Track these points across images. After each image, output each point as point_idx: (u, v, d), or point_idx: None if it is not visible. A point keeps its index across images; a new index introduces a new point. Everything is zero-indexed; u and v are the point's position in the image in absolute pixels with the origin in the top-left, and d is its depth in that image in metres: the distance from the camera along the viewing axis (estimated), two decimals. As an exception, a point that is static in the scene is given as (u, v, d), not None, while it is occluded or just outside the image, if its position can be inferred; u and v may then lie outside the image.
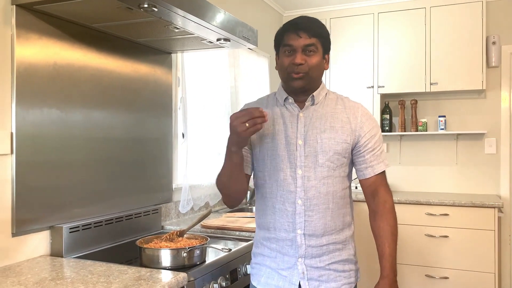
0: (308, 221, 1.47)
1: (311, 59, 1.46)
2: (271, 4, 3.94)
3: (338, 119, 1.50)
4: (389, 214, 1.52)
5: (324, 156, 1.47)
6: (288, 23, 1.51)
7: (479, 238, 3.30)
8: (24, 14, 1.64)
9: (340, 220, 1.51)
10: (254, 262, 1.59)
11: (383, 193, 1.53)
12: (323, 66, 1.52)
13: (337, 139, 1.47)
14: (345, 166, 1.51)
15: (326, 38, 1.51)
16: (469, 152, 3.88)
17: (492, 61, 3.69)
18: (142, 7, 1.53)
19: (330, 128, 1.48)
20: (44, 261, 1.67)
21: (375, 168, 1.51)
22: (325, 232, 1.48)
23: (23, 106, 1.64)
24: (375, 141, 1.51)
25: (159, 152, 2.41)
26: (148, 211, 2.25)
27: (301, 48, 1.45)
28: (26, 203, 1.65)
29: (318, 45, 1.47)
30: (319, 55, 1.48)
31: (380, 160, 1.52)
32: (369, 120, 1.52)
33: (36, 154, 1.69)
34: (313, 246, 1.47)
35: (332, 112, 1.51)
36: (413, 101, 3.93)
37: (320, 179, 1.47)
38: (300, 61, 1.44)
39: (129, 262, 1.72)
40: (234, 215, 2.63)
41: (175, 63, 2.56)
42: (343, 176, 1.51)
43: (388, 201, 1.53)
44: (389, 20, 3.84)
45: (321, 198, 1.47)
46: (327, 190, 1.48)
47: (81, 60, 1.89)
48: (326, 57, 1.54)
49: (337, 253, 1.50)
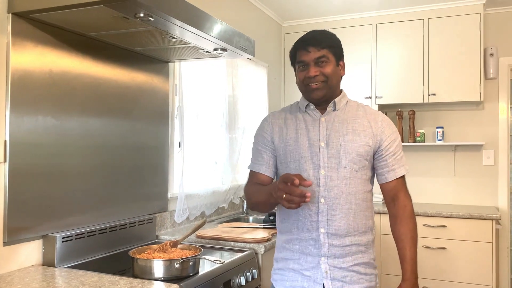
0: (331, 220, 1.51)
1: (325, 69, 1.54)
2: (270, 14, 3.96)
3: (359, 124, 1.57)
4: (409, 219, 1.57)
5: (346, 158, 1.53)
6: (298, 40, 1.60)
7: (477, 250, 3.28)
8: (20, 22, 1.64)
9: (363, 223, 1.56)
10: (276, 267, 1.63)
11: (403, 197, 1.58)
12: (339, 73, 1.61)
13: (359, 142, 1.54)
14: (366, 169, 1.56)
15: (336, 47, 1.59)
16: (467, 164, 3.87)
17: (490, 73, 3.70)
18: (138, 16, 1.53)
19: (352, 132, 1.55)
20: (36, 270, 1.65)
21: (397, 172, 1.56)
22: (348, 232, 1.52)
23: (17, 114, 1.63)
24: (396, 145, 1.57)
25: (155, 160, 2.40)
26: (142, 220, 2.23)
27: (313, 62, 1.54)
28: (18, 212, 1.64)
29: (329, 55, 1.55)
30: (332, 63, 1.56)
31: (401, 164, 1.58)
32: (390, 125, 1.59)
33: (30, 162, 1.68)
34: (336, 245, 1.51)
35: (354, 117, 1.59)
36: (411, 112, 3.93)
37: (343, 179, 1.53)
38: (314, 73, 1.53)
39: (122, 272, 1.70)
40: (230, 225, 2.61)
41: (172, 72, 2.56)
42: (365, 179, 1.56)
43: (408, 206, 1.58)
44: (388, 31, 3.85)
45: (343, 197, 1.52)
46: (349, 190, 1.53)
47: (78, 68, 1.89)
48: (341, 64, 1.62)
49: (359, 255, 1.54)
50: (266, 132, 1.67)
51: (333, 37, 1.61)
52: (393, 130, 1.59)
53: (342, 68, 1.62)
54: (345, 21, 4.00)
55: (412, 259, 1.54)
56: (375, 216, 3.53)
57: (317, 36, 1.58)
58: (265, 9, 3.85)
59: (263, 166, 1.64)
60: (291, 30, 4.19)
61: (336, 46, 1.59)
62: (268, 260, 2.17)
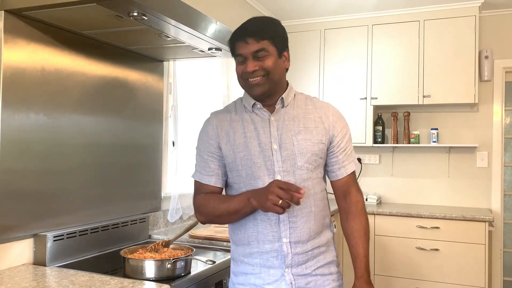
0: (293, 227, 1.42)
1: (264, 62, 1.39)
2: (265, 14, 3.94)
3: (310, 120, 1.47)
4: (361, 215, 1.51)
5: (302, 158, 1.43)
6: (236, 30, 1.44)
7: (469, 252, 3.29)
8: (12, 19, 1.62)
9: (321, 223, 1.49)
10: (236, 282, 1.50)
11: (355, 193, 1.53)
12: (282, 66, 1.45)
13: (312, 140, 1.45)
14: (321, 167, 1.50)
15: (278, 37, 1.43)
16: (461, 165, 3.88)
17: (484, 75, 3.71)
18: (132, 15, 1.52)
19: (304, 129, 1.45)
20: (26, 270, 1.64)
21: (347, 168, 1.51)
22: (309, 237, 1.44)
23: (8, 111, 1.62)
24: (346, 140, 1.51)
25: (149, 160, 2.39)
26: (135, 220, 2.22)
27: (251, 55, 1.39)
28: (9, 210, 1.62)
29: (269, 47, 1.40)
30: (273, 56, 1.40)
31: (351, 159, 1.53)
32: (340, 119, 1.52)
33: (21, 160, 1.67)
34: (299, 253, 1.43)
35: (304, 113, 1.48)
36: (406, 113, 3.94)
37: (300, 182, 1.42)
38: (252, 68, 1.39)
39: (113, 272, 1.70)
40: (223, 225, 2.61)
41: (167, 71, 2.55)
42: (320, 178, 1.50)
43: (360, 201, 1.53)
44: (383, 32, 3.85)
45: (303, 201, 1.39)
46: (308, 193, 1.43)
47: (70, 66, 1.88)
48: (285, 55, 1.47)
49: (321, 257, 1.48)
50: (211, 137, 1.52)
51: (276, 25, 1.46)
52: (344, 123, 1.52)
53: (286, 60, 1.47)
54: (341, 22, 4.00)
55: (365, 256, 1.48)
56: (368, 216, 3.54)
57: (256, 25, 1.42)
58: (261, 9, 3.85)
59: (212, 178, 1.50)
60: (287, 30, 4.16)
61: (279, 36, 1.43)
62: (260, 261, 2.16)
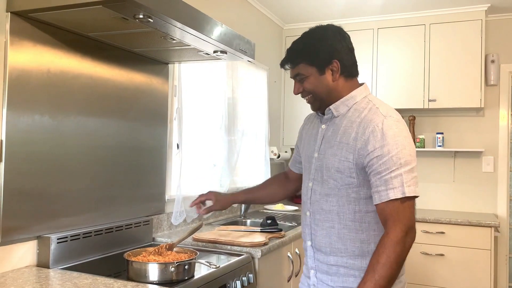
0: (314, 234, 1.48)
1: (306, 84, 1.46)
2: (271, 17, 3.95)
3: (348, 134, 1.38)
4: (382, 248, 1.26)
5: (327, 172, 1.42)
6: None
7: (475, 257, 3.27)
8: (18, 21, 1.62)
9: (356, 246, 1.40)
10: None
11: (390, 225, 1.29)
12: (326, 82, 1.44)
13: (339, 156, 1.38)
14: (356, 187, 1.37)
15: (313, 56, 1.43)
16: (466, 170, 3.86)
17: (490, 80, 3.69)
18: (138, 17, 1.52)
19: (338, 144, 1.40)
20: (30, 272, 1.64)
21: (381, 195, 1.30)
22: (331, 251, 1.43)
23: (14, 113, 1.62)
24: (382, 162, 1.29)
25: (153, 162, 2.38)
26: (139, 222, 2.22)
27: (294, 79, 1.50)
28: (14, 212, 1.62)
29: (305, 69, 1.44)
30: (312, 77, 1.44)
31: (391, 186, 1.28)
32: (378, 137, 1.31)
33: (26, 162, 1.67)
34: (321, 261, 1.47)
35: (347, 126, 1.40)
36: (411, 117, 3.92)
37: (323, 195, 1.43)
38: (296, 91, 1.49)
39: (117, 274, 1.69)
40: (227, 228, 2.60)
41: (172, 73, 2.55)
42: (355, 198, 1.38)
43: (391, 233, 1.27)
44: (389, 36, 3.84)
45: (323, 214, 1.43)
46: (330, 208, 1.41)
47: (76, 68, 1.88)
48: (333, 67, 1.43)
49: (351, 279, 1.41)
50: (300, 133, 1.72)
51: (315, 42, 1.44)
52: (382, 143, 1.30)
53: (333, 73, 1.43)
54: (347, 25, 3.95)
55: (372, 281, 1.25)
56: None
57: (292, 50, 1.48)
58: (267, 12, 3.85)
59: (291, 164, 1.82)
60: (292, 33, 4.18)
61: (313, 55, 1.42)
62: (264, 265, 2.15)
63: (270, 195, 1.88)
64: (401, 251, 1.26)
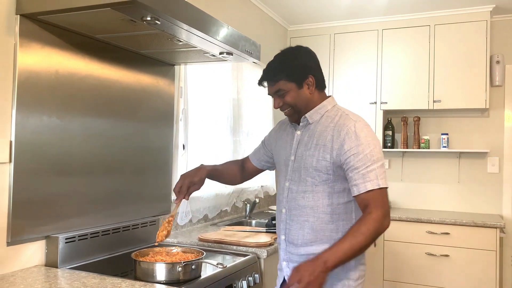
0: (289, 229, 1.62)
1: (286, 99, 1.60)
2: (276, 18, 3.96)
3: (324, 137, 1.56)
4: (365, 219, 1.43)
5: (305, 172, 1.58)
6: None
7: (480, 258, 3.26)
8: (27, 24, 1.64)
9: (325, 235, 1.55)
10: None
11: (371, 208, 1.45)
12: (305, 94, 1.60)
13: (317, 157, 1.55)
14: (331, 182, 1.54)
15: (291, 73, 1.58)
16: (471, 171, 3.85)
17: (495, 80, 3.68)
18: (145, 20, 1.54)
19: (315, 146, 1.57)
20: (39, 271, 1.66)
21: (359, 187, 1.47)
22: (302, 243, 1.58)
23: (23, 114, 1.64)
24: (358, 159, 1.47)
25: (159, 163, 2.40)
26: (145, 222, 2.23)
27: (273, 95, 1.63)
28: (22, 212, 1.64)
29: (285, 85, 1.59)
30: (292, 91, 1.59)
31: (368, 179, 1.46)
32: (352, 138, 1.50)
33: (34, 162, 1.69)
34: (292, 253, 1.61)
35: (322, 131, 1.58)
36: (415, 118, 3.92)
37: (300, 192, 1.59)
38: (277, 105, 1.63)
39: (124, 274, 1.71)
40: (233, 228, 2.61)
41: (178, 74, 2.56)
42: (329, 192, 1.55)
43: (373, 213, 1.43)
44: (393, 36, 3.85)
45: (299, 209, 1.59)
46: (305, 204, 1.57)
47: (83, 70, 1.90)
48: (309, 81, 1.60)
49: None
50: (271, 136, 1.86)
51: (292, 59, 1.60)
52: (357, 143, 1.49)
53: (311, 85, 1.61)
54: (351, 26, 4.00)
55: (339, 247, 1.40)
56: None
57: (270, 69, 1.62)
58: (271, 13, 3.86)
59: (252, 156, 1.94)
60: (297, 35, 4.20)
61: (293, 72, 1.58)
62: (270, 265, 2.16)
63: (230, 176, 1.96)
64: (378, 228, 1.43)
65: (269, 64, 1.65)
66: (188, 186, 1.73)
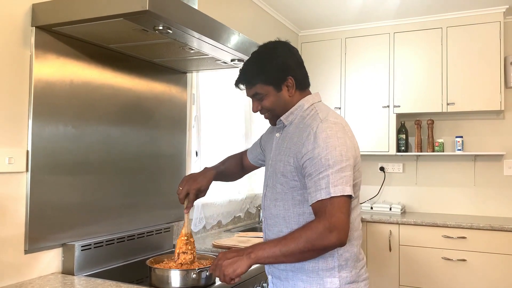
0: (267, 239, 1.49)
1: (264, 102, 1.48)
2: (286, 24, 3.97)
3: (292, 141, 1.44)
4: (305, 227, 1.30)
5: (275, 178, 1.47)
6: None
7: (498, 262, 3.21)
8: (43, 35, 1.68)
9: None
10: None
11: (316, 217, 1.31)
12: (283, 98, 1.47)
13: (283, 161, 1.43)
14: (299, 189, 1.40)
15: (268, 75, 1.45)
16: (487, 174, 3.80)
17: (510, 82, 3.63)
18: (157, 29, 1.56)
19: (284, 149, 1.45)
20: (56, 278, 1.68)
21: (311, 197, 1.32)
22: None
23: (39, 124, 1.67)
24: (312, 164, 1.33)
25: (173, 169, 2.42)
26: (160, 229, 2.25)
27: (252, 97, 1.51)
28: (39, 221, 1.67)
29: (263, 88, 1.46)
30: (270, 95, 1.46)
31: (319, 187, 1.30)
32: (311, 141, 1.35)
33: (50, 171, 1.71)
34: (274, 266, 1.48)
35: (293, 133, 1.46)
36: (429, 121, 3.89)
37: (272, 200, 1.48)
38: (255, 109, 1.52)
39: (139, 281, 1.72)
40: (246, 234, 2.61)
41: (190, 82, 2.59)
42: (300, 200, 1.40)
43: (314, 223, 1.29)
44: (405, 40, 3.83)
45: (272, 219, 1.48)
46: (277, 212, 1.46)
47: (98, 79, 1.93)
48: (288, 83, 1.46)
49: (300, 284, 1.41)
50: (264, 136, 1.76)
51: (268, 61, 1.45)
52: (315, 145, 1.33)
53: (288, 88, 1.47)
54: (362, 30, 3.99)
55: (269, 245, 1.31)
56: (392, 226, 3.49)
57: (245, 72, 1.49)
58: (282, 19, 3.87)
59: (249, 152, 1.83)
60: (308, 40, 4.20)
61: (270, 74, 1.45)
62: (284, 271, 2.15)
63: (231, 175, 1.88)
64: (315, 239, 1.27)
65: (245, 64, 1.52)
66: (195, 194, 1.63)
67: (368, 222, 3.59)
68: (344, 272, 1.40)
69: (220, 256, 1.34)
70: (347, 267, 1.40)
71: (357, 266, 1.44)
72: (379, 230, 3.57)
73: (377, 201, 4.10)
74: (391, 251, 3.50)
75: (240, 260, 1.30)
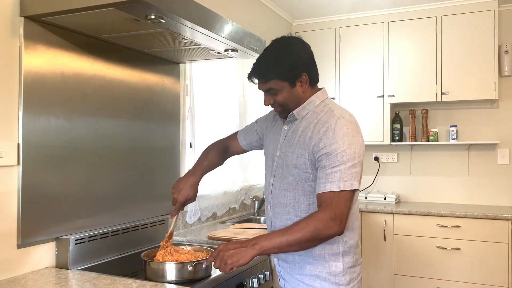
0: (274, 226, 1.59)
1: (277, 97, 1.52)
2: (280, 13, 3.94)
3: (306, 134, 1.50)
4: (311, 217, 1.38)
5: (286, 169, 1.53)
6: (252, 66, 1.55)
7: (491, 251, 3.23)
8: (32, 26, 1.64)
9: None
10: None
11: (321, 209, 1.40)
12: (296, 93, 1.52)
13: (297, 153, 1.50)
14: (311, 181, 1.48)
15: (284, 72, 1.47)
16: (481, 163, 3.81)
17: (504, 71, 3.64)
18: (149, 18, 1.53)
19: (296, 143, 1.52)
20: (49, 273, 1.66)
21: (320, 187, 1.41)
22: None
23: (30, 116, 1.64)
24: (328, 158, 1.41)
25: (167, 161, 2.39)
26: (154, 222, 2.23)
27: (265, 91, 1.54)
28: (32, 215, 1.64)
29: (277, 84, 1.49)
30: (284, 90, 1.50)
31: (330, 180, 1.39)
32: (329, 137, 1.43)
33: (42, 164, 1.69)
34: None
35: (305, 127, 1.52)
36: (424, 110, 3.89)
37: (282, 190, 1.55)
38: (268, 102, 1.56)
39: (134, 274, 1.70)
40: (242, 226, 2.61)
41: (183, 73, 2.55)
42: (310, 191, 1.49)
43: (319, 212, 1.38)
44: (400, 29, 3.81)
45: (281, 208, 1.55)
46: (287, 202, 1.53)
47: (89, 70, 1.89)
48: (302, 79, 1.50)
49: (307, 266, 1.52)
50: (263, 123, 1.77)
51: (284, 58, 1.48)
52: (332, 141, 1.41)
53: (302, 84, 1.51)
54: (356, 20, 3.96)
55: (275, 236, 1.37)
56: (387, 216, 3.50)
57: (261, 66, 1.51)
58: (276, 8, 3.83)
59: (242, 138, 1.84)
60: (302, 29, 4.16)
61: (285, 70, 1.47)
62: (280, 262, 2.15)
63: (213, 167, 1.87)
64: (321, 229, 1.36)
65: (259, 59, 1.53)
66: (182, 203, 1.72)
67: (363, 212, 3.59)
68: (347, 257, 1.52)
69: (222, 247, 1.40)
70: (350, 253, 1.53)
71: (357, 252, 1.57)
72: (374, 220, 3.58)
73: (371, 191, 4.11)
74: (385, 240, 3.52)
75: (244, 251, 1.36)
